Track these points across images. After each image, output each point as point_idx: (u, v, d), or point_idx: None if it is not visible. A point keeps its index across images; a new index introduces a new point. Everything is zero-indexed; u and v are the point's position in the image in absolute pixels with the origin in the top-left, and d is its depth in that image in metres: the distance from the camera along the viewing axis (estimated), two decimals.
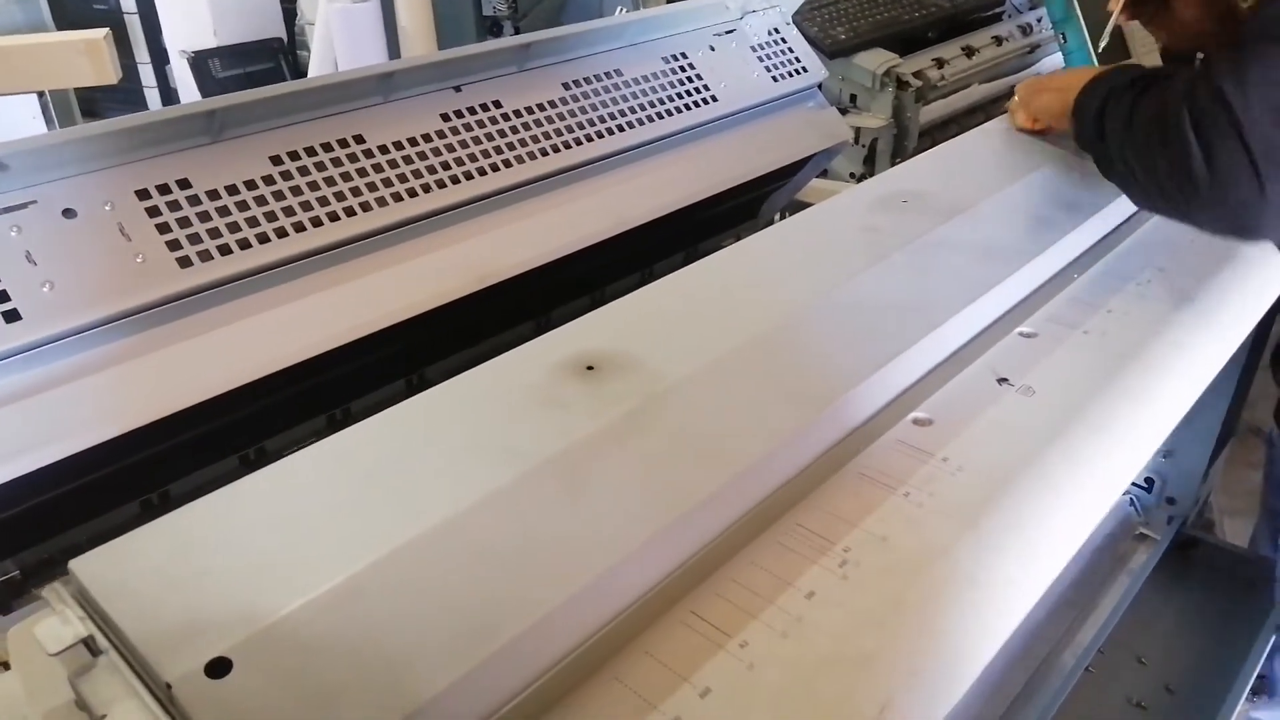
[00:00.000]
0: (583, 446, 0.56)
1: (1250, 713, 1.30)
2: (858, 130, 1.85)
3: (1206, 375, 0.80)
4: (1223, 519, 1.79)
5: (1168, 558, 1.22)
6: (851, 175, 1.91)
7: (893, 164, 1.91)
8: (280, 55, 3.29)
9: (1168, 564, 1.22)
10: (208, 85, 3.07)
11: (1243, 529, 1.84)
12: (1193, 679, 1.07)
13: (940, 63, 1.96)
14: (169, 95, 3.64)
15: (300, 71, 3.34)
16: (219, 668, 0.41)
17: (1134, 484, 1.29)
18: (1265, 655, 1.13)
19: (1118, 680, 1.07)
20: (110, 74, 1.83)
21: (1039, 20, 2.20)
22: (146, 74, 3.69)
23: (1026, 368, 0.74)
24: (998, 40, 2.10)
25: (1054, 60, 2.18)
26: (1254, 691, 1.26)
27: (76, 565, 0.46)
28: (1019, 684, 1.06)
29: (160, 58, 3.55)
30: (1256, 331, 1.08)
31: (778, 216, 1.42)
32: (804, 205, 1.37)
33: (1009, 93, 2.13)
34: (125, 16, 3.60)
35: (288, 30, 3.43)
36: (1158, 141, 0.76)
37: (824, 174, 1.44)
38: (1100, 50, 1.13)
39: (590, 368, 0.63)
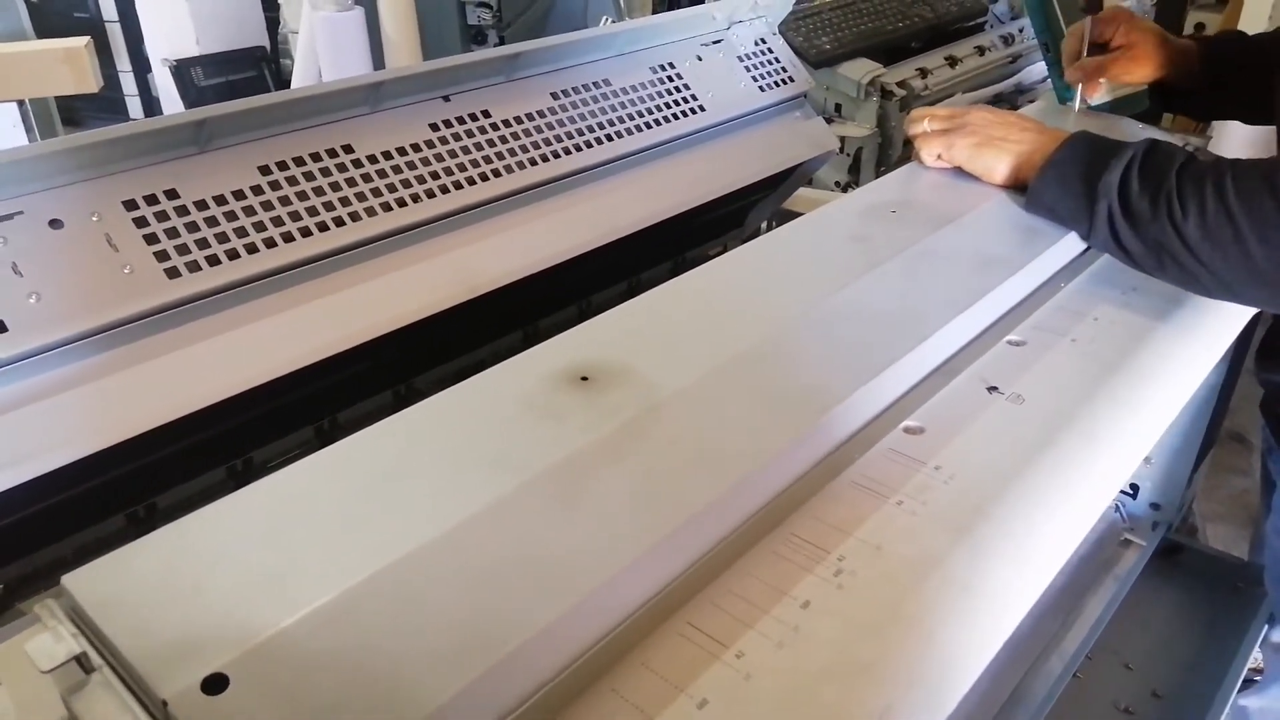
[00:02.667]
0: (579, 458, 0.56)
1: (1239, 701, 1.30)
2: (843, 139, 1.87)
3: (1193, 381, 0.81)
4: (1205, 524, 1.81)
5: (1153, 563, 1.23)
6: (837, 184, 1.92)
7: (877, 173, 1.92)
8: (263, 64, 3.28)
9: (1153, 569, 1.22)
10: (190, 94, 3.06)
11: (1225, 534, 1.86)
12: (1180, 684, 1.08)
13: (924, 72, 1.98)
14: (151, 104, 3.62)
15: (283, 80, 3.33)
16: (215, 684, 0.41)
17: (1119, 490, 1.30)
18: (1259, 643, 1.14)
19: (1105, 686, 1.08)
20: (91, 82, 1.81)
21: (1021, 30, 2.23)
22: (128, 82, 3.67)
23: (1016, 376, 0.74)
24: (980, 50, 2.12)
25: (1037, 69, 2.20)
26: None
27: (69, 580, 0.45)
28: (1007, 691, 1.06)
29: (142, 66, 3.53)
30: (1239, 339, 1.09)
31: (764, 225, 1.42)
32: (790, 214, 1.38)
33: (993, 101, 2.16)
34: (106, 25, 3.59)
35: (271, 39, 3.42)
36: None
37: (810, 183, 1.44)
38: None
39: (585, 378, 0.63)
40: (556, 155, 1.01)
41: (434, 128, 0.93)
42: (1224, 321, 0.88)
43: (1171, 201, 0.78)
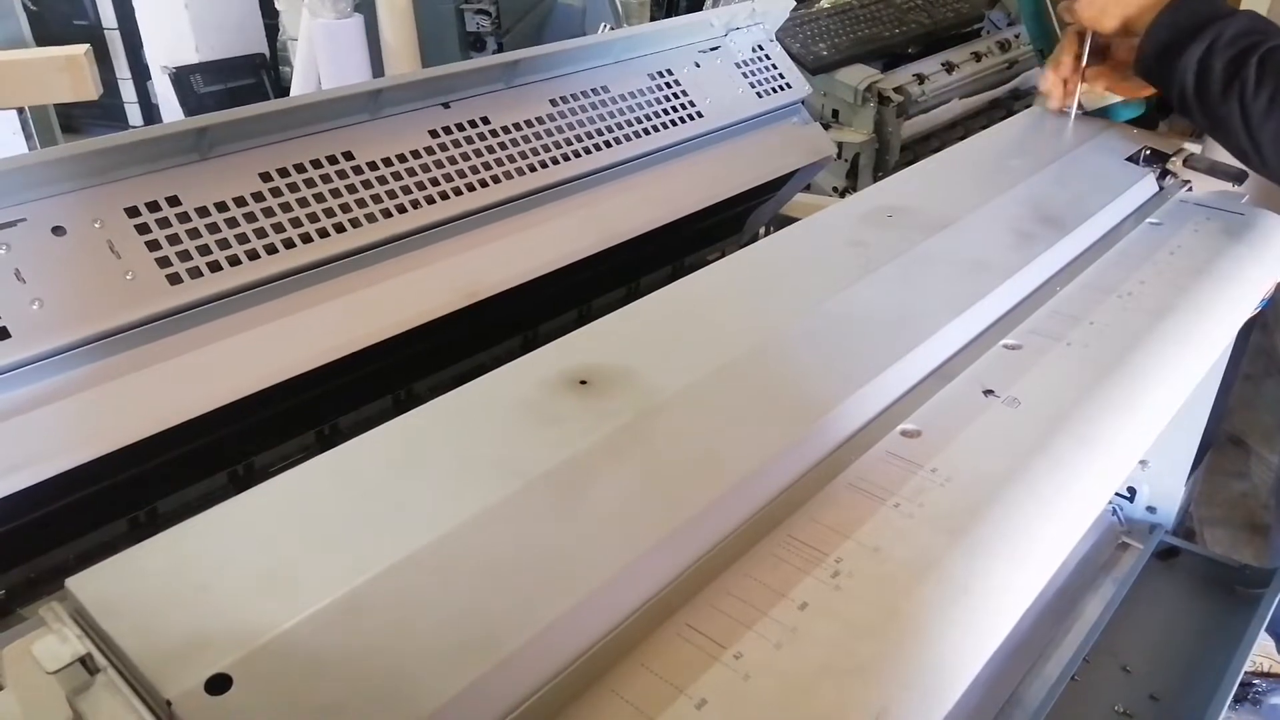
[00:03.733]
0: (578, 461, 0.56)
1: (1271, 700, 1.30)
2: (840, 145, 1.87)
3: (1187, 385, 0.81)
4: (1203, 528, 1.82)
5: (1151, 566, 1.23)
6: (835, 189, 1.93)
7: (875, 178, 1.93)
8: (263, 71, 3.29)
9: (1151, 572, 1.23)
10: (190, 101, 3.07)
11: (1224, 537, 1.86)
12: (1177, 687, 1.08)
13: (921, 78, 1.99)
14: (150, 111, 3.63)
15: (283, 87, 3.35)
16: (219, 684, 0.41)
17: (1116, 493, 1.30)
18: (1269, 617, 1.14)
19: (1103, 689, 1.08)
20: (91, 90, 1.82)
21: (1017, 36, 2.23)
22: (127, 90, 3.68)
23: (1012, 380, 0.75)
24: (977, 56, 2.13)
25: (1033, 75, 2.21)
26: (1237, 699, 1.28)
27: (73, 583, 0.46)
28: (1005, 694, 1.07)
29: (142, 73, 3.54)
30: (1236, 342, 1.10)
31: (763, 231, 1.43)
32: (788, 219, 1.38)
33: (989, 107, 2.17)
34: (106, 32, 3.60)
35: (270, 46, 3.43)
36: None
37: (808, 188, 1.45)
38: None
39: (583, 382, 0.64)
40: (555, 161, 1.01)
41: (434, 134, 0.94)
42: (1220, 324, 0.89)
43: (1246, 84, 0.86)
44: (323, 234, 0.83)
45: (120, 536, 0.82)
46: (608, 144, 1.06)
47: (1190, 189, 1.09)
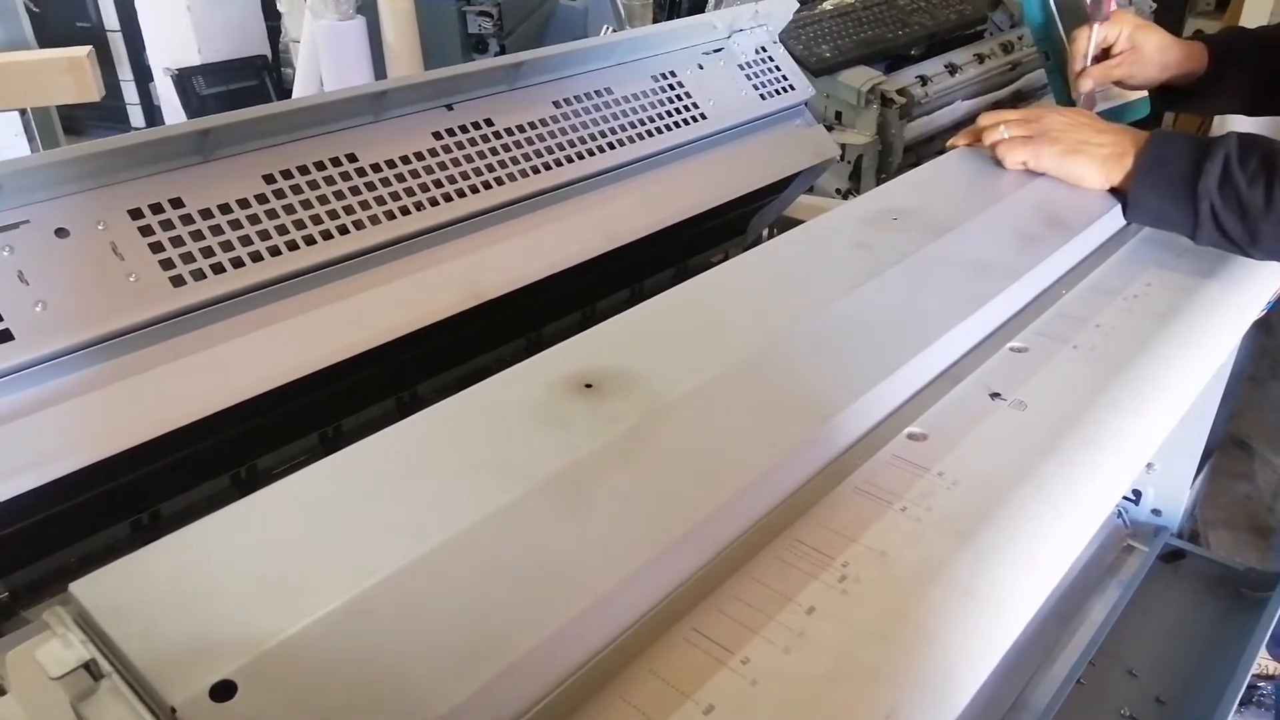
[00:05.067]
0: (584, 464, 0.56)
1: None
2: (844, 147, 1.87)
3: (1194, 388, 0.81)
4: (1208, 530, 1.81)
5: (1156, 569, 1.23)
6: (838, 191, 1.93)
7: (878, 180, 1.92)
8: (265, 73, 3.29)
9: (1156, 576, 1.23)
10: (192, 103, 3.07)
11: (1229, 540, 1.86)
12: (1183, 690, 1.08)
13: (924, 80, 1.98)
14: (152, 113, 3.64)
15: (285, 89, 3.34)
16: (224, 691, 0.41)
17: (1122, 496, 1.30)
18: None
19: (1109, 692, 1.08)
20: (93, 91, 1.82)
21: (1020, 38, 2.23)
22: (130, 91, 3.68)
23: (1018, 382, 0.74)
24: (980, 58, 2.13)
25: (1036, 77, 2.20)
26: (1242, 702, 1.27)
27: (77, 588, 0.45)
28: (1011, 697, 1.06)
29: (144, 75, 3.54)
30: (1241, 345, 1.10)
31: (766, 233, 1.43)
32: (792, 221, 1.38)
33: (992, 109, 2.16)
34: (108, 34, 3.60)
35: (272, 48, 3.43)
36: None
37: (811, 190, 1.45)
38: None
39: (589, 385, 0.63)
40: (559, 163, 1.01)
41: (437, 136, 0.94)
42: (1225, 328, 0.88)
43: None
44: (326, 236, 0.83)
45: (123, 539, 0.82)
46: (611, 146, 1.06)
47: None
